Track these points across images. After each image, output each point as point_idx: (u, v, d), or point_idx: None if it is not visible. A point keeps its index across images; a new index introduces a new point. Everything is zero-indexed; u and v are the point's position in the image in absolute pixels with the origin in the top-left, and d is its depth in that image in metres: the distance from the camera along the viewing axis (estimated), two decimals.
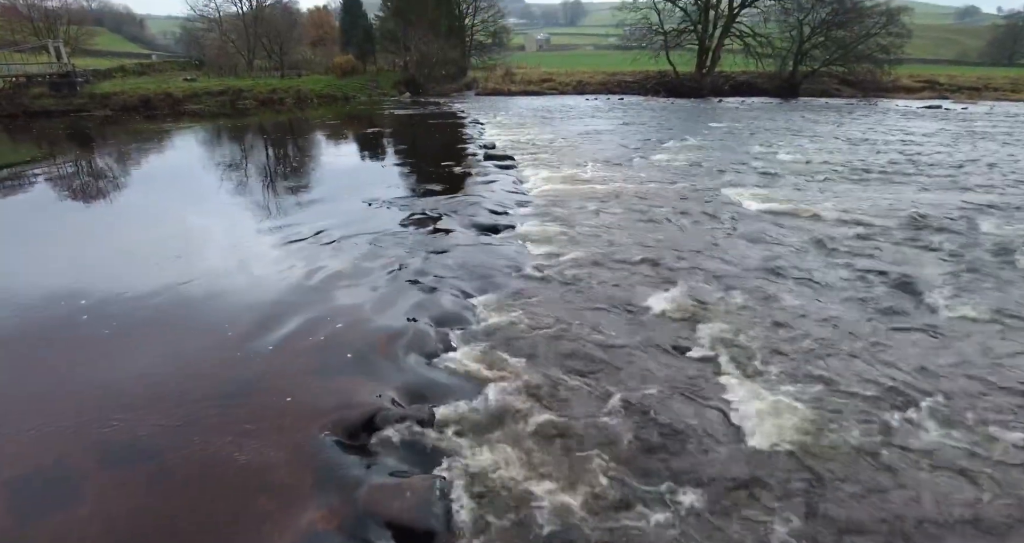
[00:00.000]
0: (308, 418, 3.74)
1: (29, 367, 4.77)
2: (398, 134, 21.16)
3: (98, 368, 4.65)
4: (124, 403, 4.08)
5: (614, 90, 42.34)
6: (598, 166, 12.50)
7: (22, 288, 6.44)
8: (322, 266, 6.66)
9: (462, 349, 4.50)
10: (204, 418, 3.81)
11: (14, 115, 27.25)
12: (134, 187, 13.41)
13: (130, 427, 3.76)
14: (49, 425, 3.84)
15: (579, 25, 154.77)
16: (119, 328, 5.37)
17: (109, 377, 4.49)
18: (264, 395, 4.06)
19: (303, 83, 38.68)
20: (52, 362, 4.79)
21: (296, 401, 3.93)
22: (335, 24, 56.19)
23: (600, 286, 5.83)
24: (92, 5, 75.52)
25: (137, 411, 3.95)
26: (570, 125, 21.45)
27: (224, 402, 4.00)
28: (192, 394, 4.13)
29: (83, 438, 3.69)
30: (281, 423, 3.71)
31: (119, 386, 4.33)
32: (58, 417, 3.93)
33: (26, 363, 4.85)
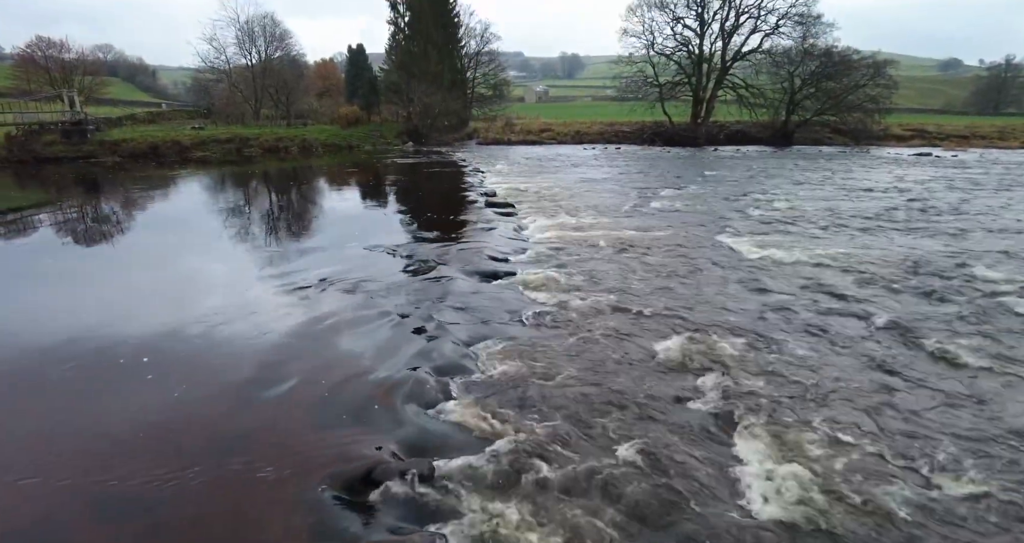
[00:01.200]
0: (306, 471, 3.66)
1: (24, 411, 4.72)
2: (401, 182, 21.59)
3: (94, 413, 4.60)
4: (120, 451, 4.01)
5: (611, 139, 43.49)
6: (597, 214, 12.70)
7: (20, 331, 6.44)
8: (323, 313, 6.68)
9: (463, 399, 4.45)
10: (200, 470, 3.74)
11: (25, 161, 27.89)
12: (136, 232, 13.59)
13: (125, 478, 3.68)
14: (43, 474, 3.76)
15: (577, 78, 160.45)
16: (117, 372, 5.33)
17: (105, 423, 4.44)
18: (262, 447, 3.99)
19: (308, 132, 39.76)
20: (48, 406, 4.73)
21: (294, 453, 3.87)
22: (341, 76, 58.35)
23: (601, 334, 5.82)
24: (107, 57, 78.62)
25: (133, 460, 3.88)
26: (569, 173, 21.93)
27: (221, 453, 3.93)
28: (189, 444, 4.07)
29: (76, 489, 3.60)
30: (279, 476, 3.64)
31: (115, 433, 4.27)
32: (52, 466, 3.85)
33: (22, 406, 4.80)
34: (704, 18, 42.84)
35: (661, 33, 44.32)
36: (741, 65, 44.23)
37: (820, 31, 41.07)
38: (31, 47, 47.02)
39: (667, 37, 44.37)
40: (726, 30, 42.84)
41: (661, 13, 43.50)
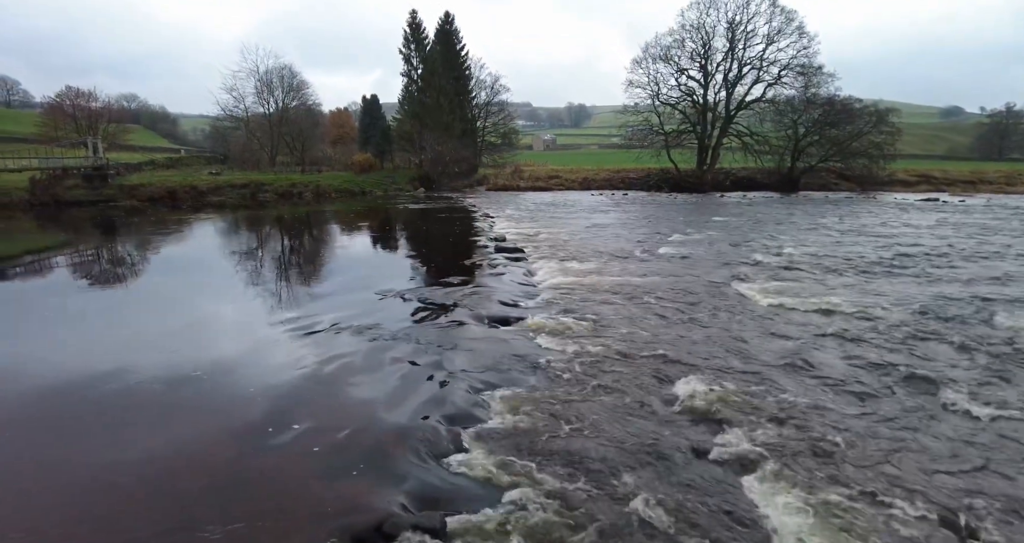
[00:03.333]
0: (314, 523, 3.57)
1: (28, 450, 4.68)
2: (412, 227, 21.94)
3: (98, 455, 4.55)
4: (123, 496, 3.95)
5: (618, 186, 44.22)
6: (605, 259, 12.77)
7: (28, 370, 6.45)
8: (333, 359, 6.65)
9: (475, 450, 4.37)
10: (204, 519, 3.65)
11: (47, 204, 28.73)
12: (150, 274, 13.78)
13: (127, 525, 3.61)
14: (43, 519, 3.68)
15: (583, 126, 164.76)
16: (125, 414, 5.31)
17: (109, 465, 4.38)
18: (269, 496, 3.91)
19: (322, 179, 40.77)
20: (53, 448, 4.69)
21: (303, 502, 3.78)
22: (355, 124, 60.34)
23: (614, 382, 5.75)
24: (132, 105, 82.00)
25: (136, 506, 3.81)
26: (577, 219, 22.20)
27: (227, 501, 3.85)
28: (194, 491, 3.99)
29: (74, 538, 3.52)
30: (285, 528, 3.55)
31: (120, 476, 4.21)
32: (53, 510, 3.78)
33: (25, 450, 4.76)
34: (708, 69, 44.31)
35: (666, 84, 45.77)
36: (745, 114, 45.36)
37: (821, 81, 42.28)
38: (61, 96, 49.42)
39: (672, 87, 45.81)
40: (729, 81, 44.21)
41: (666, 65, 45.09)
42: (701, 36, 43.70)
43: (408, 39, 47.54)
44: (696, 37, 43.81)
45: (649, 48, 45.03)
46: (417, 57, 47.66)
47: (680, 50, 44.44)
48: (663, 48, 44.59)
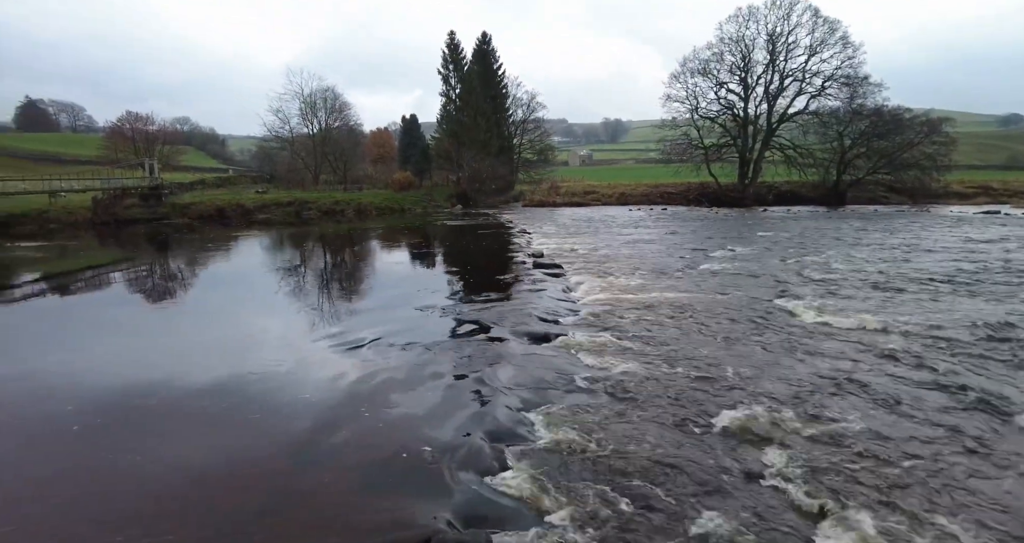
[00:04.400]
0: (360, 539, 3.60)
1: (83, 456, 4.89)
2: (450, 243, 22.20)
3: (151, 465, 4.71)
4: (172, 504, 4.08)
5: (657, 201, 43.77)
6: (645, 275, 12.60)
7: (86, 379, 6.76)
8: (376, 374, 6.75)
9: (518, 468, 4.33)
10: (251, 532, 3.72)
11: (107, 222, 30.35)
12: (199, 289, 14.41)
13: (175, 534, 3.71)
14: (102, 527, 3.82)
15: (620, 142, 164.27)
16: (175, 423, 5.51)
17: (160, 473, 4.54)
18: (314, 510, 3.96)
19: (363, 197, 41.79)
20: (107, 455, 4.88)
21: (349, 517, 3.82)
22: (395, 144, 61.78)
23: (657, 401, 5.63)
24: (184, 128, 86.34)
25: (184, 515, 3.93)
26: (615, 234, 22.04)
27: (274, 515, 3.92)
28: (242, 502, 4.08)
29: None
30: (335, 541, 3.58)
31: (169, 484, 4.36)
32: (109, 520, 3.91)
33: (81, 451, 4.98)
34: (748, 82, 43.64)
35: (705, 98, 45.26)
36: (788, 126, 44.37)
37: (868, 91, 40.97)
38: (121, 120, 52.63)
39: (711, 101, 45.25)
40: (771, 93, 43.40)
41: (704, 79, 44.64)
42: (740, 49, 43.19)
43: (446, 59, 48.61)
44: (735, 50, 43.33)
45: (687, 62, 44.78)
46: (455, 77, 48.64)
47: (719, 64, 44.00)
48: (701, 62, 44.25)
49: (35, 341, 9.19)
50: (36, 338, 9.38)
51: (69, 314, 11.53)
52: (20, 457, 5.00)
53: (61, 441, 5.25)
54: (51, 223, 29.28)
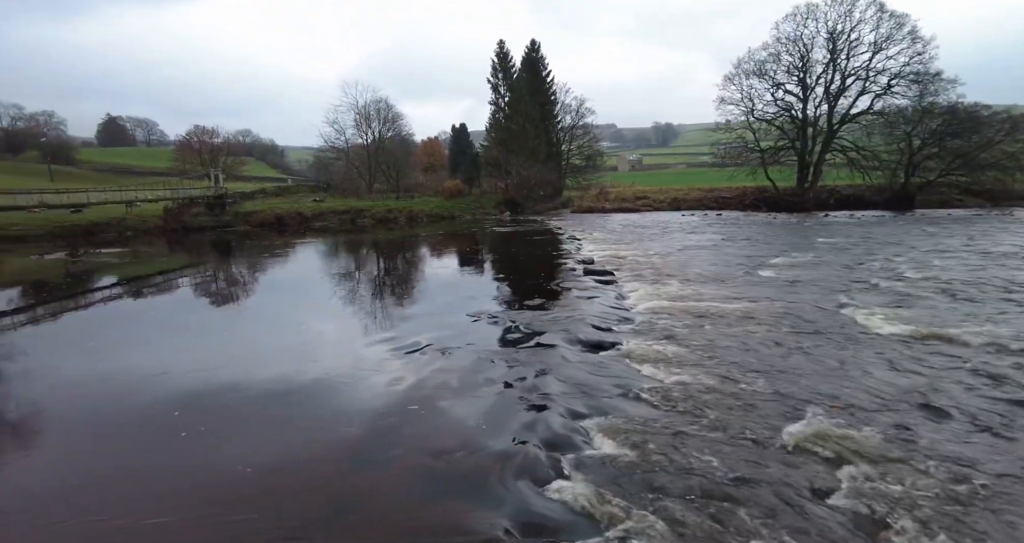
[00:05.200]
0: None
1: (154, 452, 5.15)
2: (499, 250, 22.31)
3: (217, 460, 4.91)
4: (238, 502, 4.21)
5: (710, 206, 42.63)
6: (702, 282, 12.25)
7: (156, 378, 7.12)
8: (430, 378, 6.82)
9: (576, 478, 4.26)
10: (313, 533, 3.80)
11: (175, 229, 32.22)
12: (260, 293, 15.05)
13: (241, 530, 3.83)
14: (170, 517, 4.00)
15: (671, 146, 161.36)
16: (239, 423, 5.73)
17: (227, 471, 4.71)
18: (376, 512, 4.02)
19: (415, 204, 42.67)
20: (176, 451, 5.14)
21: (407, 522, 3.85)
22: (445, 152, 62.86)
23: (717, 413, 5.42)
24: (246, 140, 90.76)
25: (249, 513, 4.05)
26: (668, 241, 21.57)
27: (337, 515, 4.00)
28: (304, 501, 4.18)
29: (182, 540, 3.77)
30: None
31: (236, 482, 4.52)
32: (178, 510, 4.11)
33: (152, 447, 5.24)
34: (807, 83, 42.01)
35: (761, 99, 43.81)
36: (850, 127, 42.39)
37: (940, 88, 38.41)
38: (189, 134, 56.16)
39: (767, 103, 43.77)
40: (831, 93, 41.59)
41: (760, 80, 43.28)
42: (799, 48, 41.63)
43: (496, 68, 49.13)
44: (793, 50, 41.79)
45: (742, 64, 43.52)
46: (504, 85, 49.09)
47: (776, 64, 42.54)
48: (757, 63, 42.91)
49: (114, 341, 9.81)
50: (115, 339, 10.00)
51: (143, 317, 12.24)
52: (103, 449, 5.32)
53: (140, 435, 5.57)
54: (127, 231, 31.30)
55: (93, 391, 6.99)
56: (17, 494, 4.42)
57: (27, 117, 76.22)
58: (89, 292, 15.21)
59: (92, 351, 9.17)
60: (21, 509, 4.14)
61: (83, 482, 4.63)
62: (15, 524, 3.99)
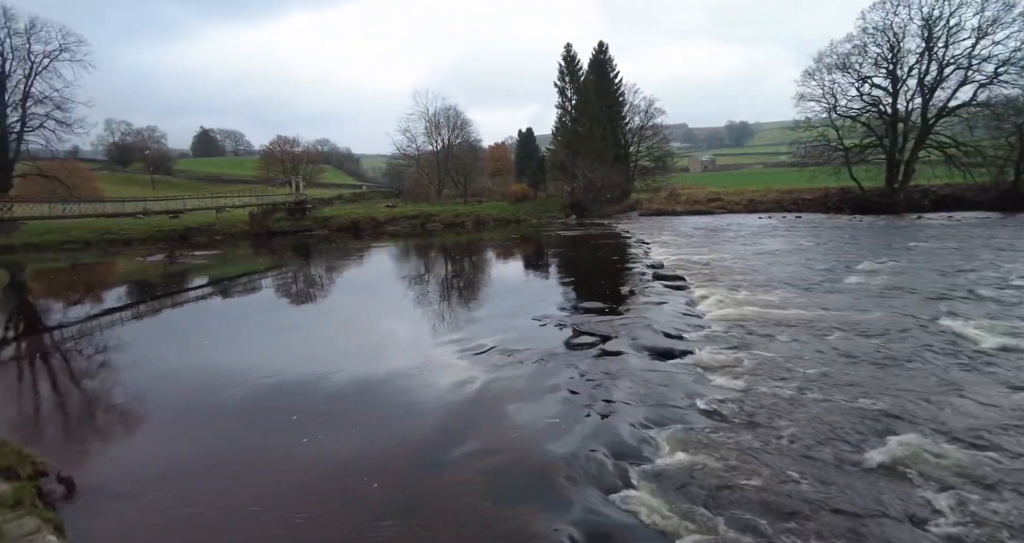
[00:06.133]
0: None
1: (238, 442, 5.51)
2: (564, 254, 22.20)
3: (297, 454, 5.16)
4: (314, 495, 4.41)
5: (789, 208, 40.40)
6: (780, 289, 11.63)
7: (240, 373, 7.62)
8: (496, 381, 6.88)
9: (643, 488, 4.16)
10: (387, 526, 3.92)
11: (260, 233, 34.34)
12: (336, 294, 15.83)
13: (320, 522, 4.01)
14: (254, 504, 4.26)
15: (745, 145, 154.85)
16: (317, 418, 5.99)
17: (305, 464, 4.95)
18: (442, 511, 4.09)
19: (482, 209, 43.27)
20: (258, 439, 5.48)
21: (473, 523, 3.90)
22: (511, 157, 63.34)
23: (796, 427, 5.13)
24: (324, 149, 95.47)
25: (326, 504, 4.25)
26: (743, 245, 20.66)
27: (405, 512, 4.11)
28: (375, 497, 4.34)
29: (280, 525, 3.98)
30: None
31: (312, 476, 4.73)
32: (261, 497, 4.36)
33: (235, 437, 5.61)
34: (897, 75, 38.99)
35: (845, 95, 40.97)
36: (948, 121, 38.92)
37: None
38: (273, 144, 59.86)
39: (852, 98, 40.89)
40: (926, 85, 38.36)
41: (844, 74, 40.53)
42: (888, 38, 38.65)
43: (563, 72, 49.03)
44: (882, 40, 38.85)
45: (823, 57, 40.94)
46: (571, 88, 48.89)
47: (862, 56, 39.67)
48: (840, 56, 40.20)
49: (206, 336, 10.59)
50: (207, 334, 10.79)
51: (231, 314, 13.15)
52: (202, 437, 5.75)
53: (233, 425, 5.99)
54: (217, 235, 33.66)
55: (190, 382, 7.59)
56: (130, 478, 4.84)
57: (134, 132, 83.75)
58: (184, 291, 16.49)
59: (188, 345, 9.95)
60: (135, 493, 4.53)
61: (187, 468, 5.01)
62: (131, 506, 4.37)
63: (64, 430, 6.32)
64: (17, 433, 5.51)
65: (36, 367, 9.06)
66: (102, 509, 4.30)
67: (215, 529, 4.00)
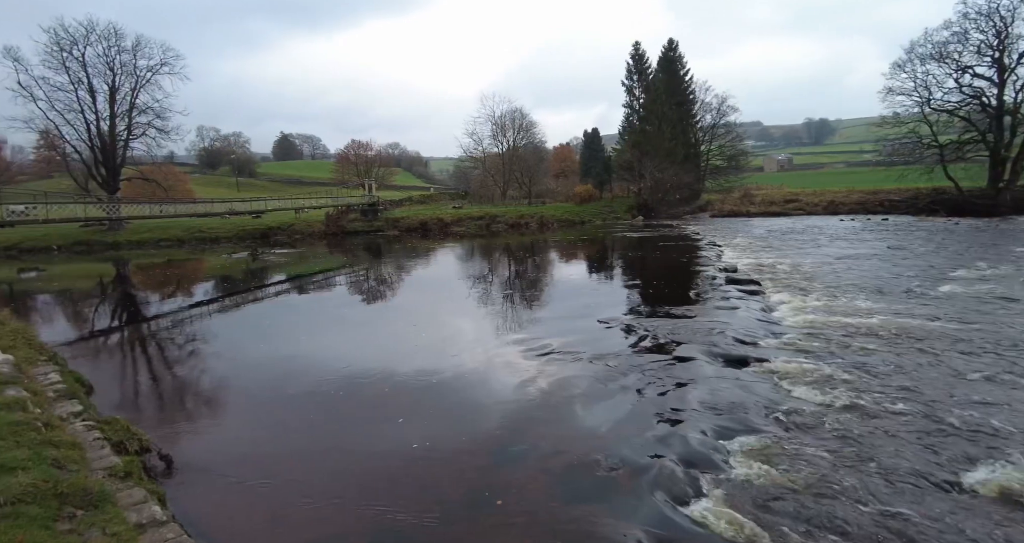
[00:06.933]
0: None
1: (316, 427, 5.80)
2: (630, 255, 21.82)
3: (373, 441, 5.42)
4: (392, 483, 4.60)
5: (875, 210, 37.78)
6: (864, 296, 10.91)
7: (319, 365, 7.99)
8: (561, 382, 6.88)
9: (715, 499, 4.04)
10: (459, 518, 4.03)
11: (335, 233, 35.93)
12: (405, 291, 16.37)
13: (397, 510, 4.17)
14: (334, 492, 4.47)
15: (826, 143, 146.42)
16: (390, 410, 6.25)
17: (381, 453, 5.17)
18: (511, 507, 4.14)
19: (546, 210, 43.27)
20: (337, 429, 5.76)
21: (543, 523, 3.92)
22: (576, 158, 63.00)
23: (881, 445, 4.81)
24: (395, 152, 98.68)
25: (402, 495, 4.41)
26: (824, 248, 19.52)
27: (476, 506, 4.22)
28: (447, 489, 4.47)
29: (359, 513, 4.16)
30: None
31: (389, 463, 4.95)
32: (340, 485, 4.58)
33: (316, 423, 5.90)
34: (1004, 63, 35.54)
35: (940, 87, 37.78)
36: None
37: None
38: (347, 148, 62.58)
39: (949, 91, 37.66)
40: None
41: (939, 65, 37.41)
42: (994, 23, 35.31)
43: (631, 71, 48.28)
44: (986, 25, 35.49)
45: (915, 47, 37.93)
46: (639, 87, 48.06)
47: (961, 44, 36.43)
48: (936, 45, 37.10)
49: (285, 329, 11.23)
50: (285, 327, 11.43)
51: (307, 309, 13.86)
52: (281, 422, 6.12)
53: (311, 412, 6.33)
54: (296, 234, 35.50)
55: (270, 371, 8.10)
56: (217, 457, 5.23)
57: (222, 138, 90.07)
58: (264, 286, 17.52)
59: (268, 336, 10.60)
60: (223, 471, 4.88)
61: (267, 450, 5.36)
62: (219, 483, 4.72)
63: (159, 410, 6.89)
64: (120, 411, 6.05)
65: (136, 353, 9.94)
66: (195, 485, 4.65)
67: (295, 508, 4.24)
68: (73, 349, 9.47)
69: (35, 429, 3.85)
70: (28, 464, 3.16)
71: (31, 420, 4.02)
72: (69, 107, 35.43)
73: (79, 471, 3.40)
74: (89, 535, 2.59)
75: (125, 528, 2.82)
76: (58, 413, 4.78)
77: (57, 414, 4.73)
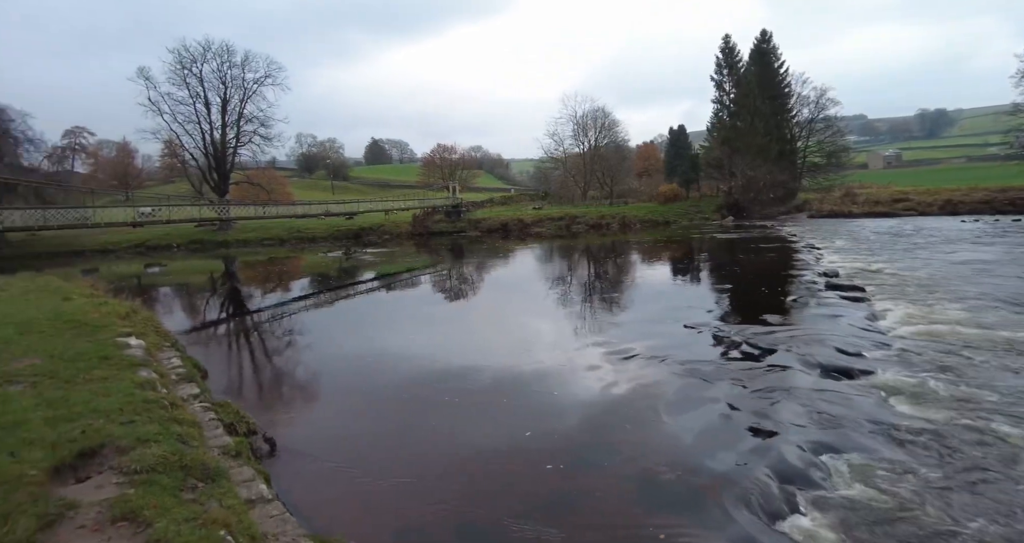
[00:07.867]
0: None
1: (401, 418, 6.05)
2: (720, 258, 20.93)
3: (455, 435, 5.57)
4: (477, 480, 4.69)
5: (1003, 210, 33.68)
6: (986, 305, 9.77)
7: (403, 360, 8.35)
8: (644, 388, 6.73)
9: (815, 518, 3.78)
10: (535, 519, 4.01)
11: (421, 234, 37.36)
12: (485, 291, 16.71)
13: (479, 509, 4.24)
14: (420, 488, 4.60)
15: (942, 136, 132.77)
16: (470, 408, 6.40)
17: (462, 445, 5.32)
18: (588, 513, 4.11)
19: (627, 210, 42.48)
20: (417, 425, 5.94)
21: (620, 527, 3.86)
22: (660, 156, 61.22)
23: (997, 469, 4.29)
24: (478, 154, 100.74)
25: (486, 492, 4.49)
26: (940, 252, 17.69)
27: (558, 506, 4.21)
28: (528, 490, 4.48)
29: (443, 510, 4.26)
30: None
31: (470, 459, 5.06)
32: (427, 482, 4.69)
33: (401, 415, 6.17)
34: None
35: None
36: None
37: None
38: (433, 152, 64.79)
39: None
40: None
41: None
42: None
43: (720, 65, 46.22)
44: None
45: None
46: (729, 82, 45.93)
47: None
48: None
49: (373, 324, 11.83)
50: (374, 322, 12.05)
51: (394, 306, 14.50)
52: (368, 411, 6.48)
53: (396, 404, 6.65)
54: (385, 234, 37.20)
55: (358, 363, 8.59)
56: (312, 442, 5.58)
57: (318, 144, 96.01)
58: (356, 283, 18.51)
59: (357, 331, 11.21)
60: (317, 455, 5.21)
61: (354, 436, 5.69)
62: (315, 467, 5.04)
63: (260, 396, 7.47)
64: (228, 395, 6.61)
65: (241, 342, 10.86)
66: (295, 467, 4.99)
67: (384, 496, 4.45)
68: (189, 337, 10.47)
69: (163, 407, 4.30)
70: (159, 437, 3.54)
71: (159, 399, 4.48)
72: (188, 118, 39.69)
73: (198, 447, 3.75)
74: (209, 505, 2.86)
75: (237, 502, 3.09)
76: (180, 394, 5.30)
77: (179, 395, 5.25)
